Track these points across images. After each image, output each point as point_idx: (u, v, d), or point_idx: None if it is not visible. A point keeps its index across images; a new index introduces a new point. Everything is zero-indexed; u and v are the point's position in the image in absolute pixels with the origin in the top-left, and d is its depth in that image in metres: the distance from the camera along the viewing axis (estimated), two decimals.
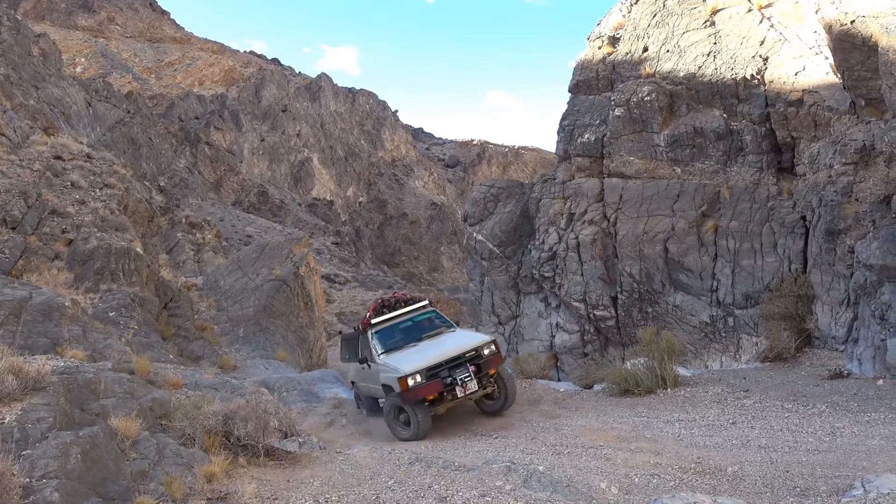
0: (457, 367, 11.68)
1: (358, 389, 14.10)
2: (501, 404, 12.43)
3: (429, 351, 12.30)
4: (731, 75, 15.94)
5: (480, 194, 20.27)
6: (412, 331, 13.27)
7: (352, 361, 14.22)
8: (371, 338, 12.92)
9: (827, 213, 13.31)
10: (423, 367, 11.52)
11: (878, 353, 11.52)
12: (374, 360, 12.57)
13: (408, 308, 13.58)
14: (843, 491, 6.66)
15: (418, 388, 11.35)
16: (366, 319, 13.24)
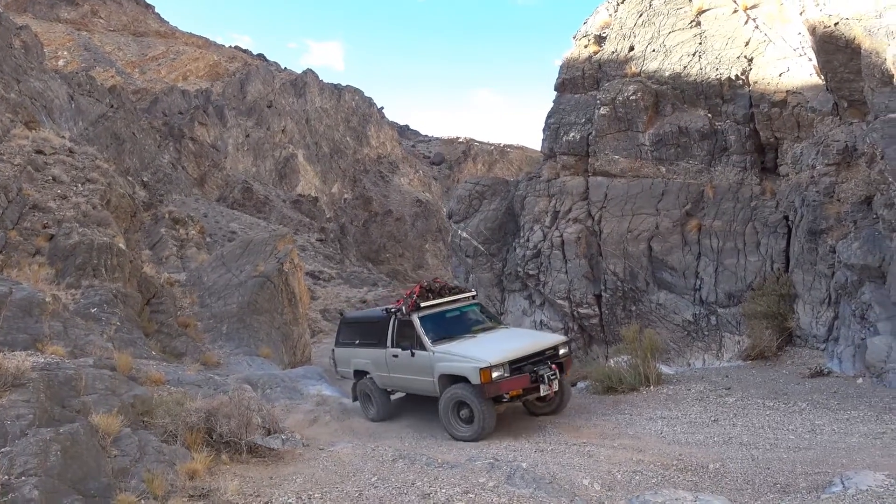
0: (538, 363, 10.87)
1: (369, 382, 12.84)
2: (556, 406, 11.68)
3: (502, 344, 11.35)
4: (716, 75, 16.03)
5: (465, 192, 20.27)
6: (460, 322, 12.33)
7: (367, 348, 12.94)
8: (418, 324, 11.73)
9: (809, 213, 13.42)
10: (507, 358, 10.58)
11: (858, 351, 11.64)
12: (421, 348, 11.43)
13: (454, 297, 12.64)
14: (823, 487, 6.73)
15: (503, 382, 10.40)
16: (411, 302, 12.06)
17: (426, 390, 11.63)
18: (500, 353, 10.69)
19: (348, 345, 13.70)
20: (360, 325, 13.85)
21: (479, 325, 12.41)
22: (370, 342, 12.87)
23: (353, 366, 13.39)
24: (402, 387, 12.39)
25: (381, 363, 12.47)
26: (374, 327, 12.93)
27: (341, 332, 14.27)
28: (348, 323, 14.34)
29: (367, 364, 12.90)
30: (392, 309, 12.51)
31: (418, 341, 11.52)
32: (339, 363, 14.06)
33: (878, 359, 10.94)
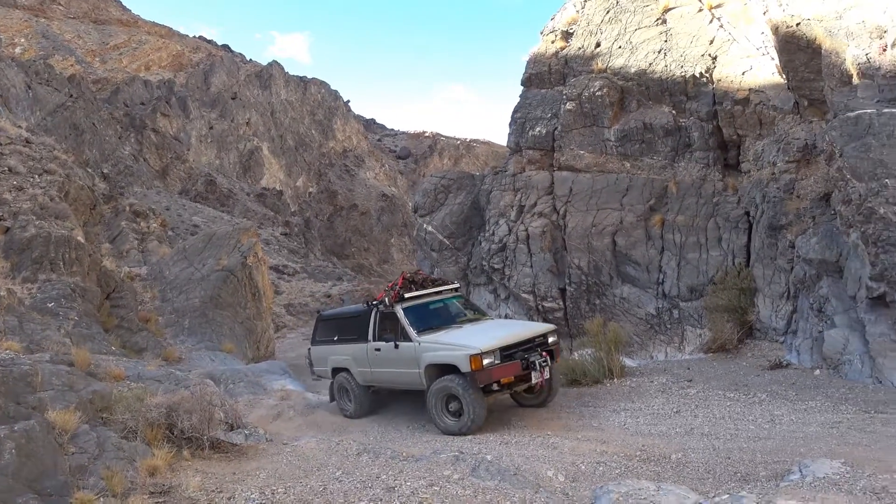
0: (528, 351, 10.62)
1: (349, 378, 12.48)
2: (545, 398, 11.45)
3: (491, 332, 11.06)
4: (681, 73, 16.23)
5: (431, 185, 20.27)
6: (445, 313, 12.03)
7: (346, 344, 12.56)
8: (402, 315, 11.40)
9: (770, 209, 13.66)
10: (497, 345, 10.30)
11: (816, 344, 11.89)
12: (405, 340, 11.10)
13: (438, 289, 12.38)
14: (782, 476, 6.84)
15: (494, 369, 10.10)
16: (394, 294, 11.71)
17: (411, 383, 11.33)
18: (490, 340, 10.46)
19: (326, 342, 13.30)
20: (338, 321, 13.46)
21: (463, 316, 12.18)
22: (350, 337, 12.52)
23: (331, 363, 12.98)
24: (385, 381, 12.05)
25: (362, 358, 12.16)
26: (354, 322, 12.59)
27: (318, 330, 13.85)
28: (326, 320, 13.90)
29: (346, 360, 12.54)
30: (374, 302, 12.19)
31: (402, 333, 11.22)
32: (317, 362, 13.62)
33: (835, 351, 11.19)
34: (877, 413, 9.01)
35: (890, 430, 8.24)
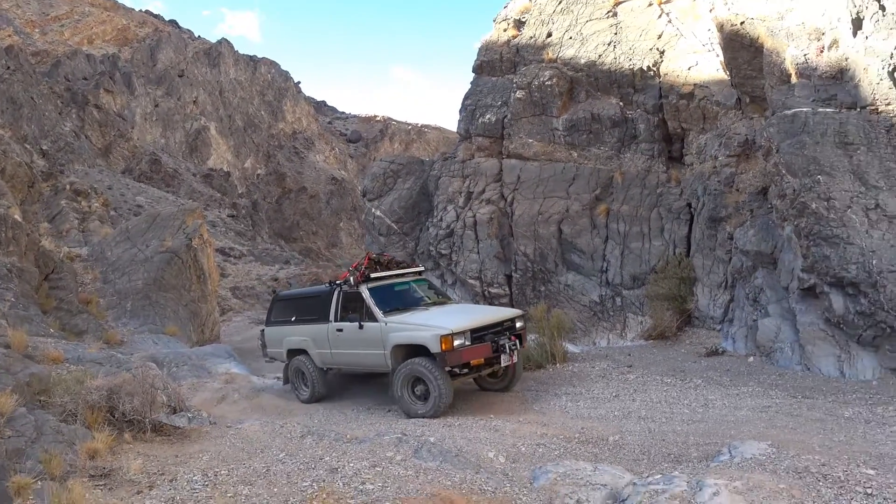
0: (497, 334, 10.56)
1: (306, 361, 12.21)
2: (508, 383, 11.44)
3: (460, 315, 11.00)
4: (629, 65, 16.53)
5: (380, 170, 20.24)
6: (410, 295, 11.88)
7: (305, 324, 12.27)
8: (367, 295, 11.16)
9: (710, 201, 14.06)
10: (468, 327, 10.19)
11: (750, 332, 12.33)
12: (371, 320, 10.88)
13: (404, 271, 12.29)
14: (713, 456, 7.11)
15: (464, 350, 9.96)
16: (360, 274, 11.46)
17: (375, 365, 11.18)
18: (461, 321, 10.36)
19: (281, 323, 12.96)
20: (297, 302, 13.15)
21: (428, 299, 12.03)
22: (309, 318, 12.25)
23: (286, 345, 12.67)
24: (347, 363, 11.84)
25: (322, 339, 11.91)
26: (314, 302, 12.32)
27: (274, 311, 13.48)
28: (283, 300, 13.57)
29: (304, 342, 12.26)
30: (337, 282, 11.93)
31: (368, 313, 10.98)
32: (270, 344, 13.30)
33: (768, 339, 11.64)
34: (804, 398, 9.41)
35: (815, 414, 8.63)
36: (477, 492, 6.39)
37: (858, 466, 6.38)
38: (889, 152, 10.06)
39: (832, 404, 9.01)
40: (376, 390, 12.41)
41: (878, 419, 8.19)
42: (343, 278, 11.78)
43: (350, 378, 12.78)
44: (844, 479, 6.04)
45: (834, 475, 6.14)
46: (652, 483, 6.18)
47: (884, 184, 9.98)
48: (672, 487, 5.96)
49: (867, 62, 10.45)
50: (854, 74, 10.67)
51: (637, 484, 6.27)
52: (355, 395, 12.45)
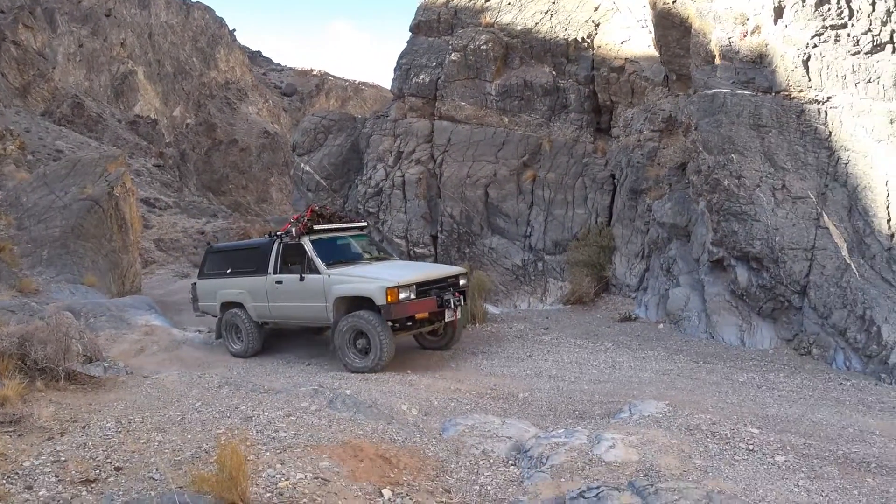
0: (442, 290, 10.58)
1: (241, 314, 11.98)
2: (448, 340, 11.53)
3: (404, 269, 11.02)
4: (564, 35, 16.73)
5: (311, 124, 19.99)
6: (352, 250, 11.84)
7: (241, 277, 12.04)
8: (310, 247, 11.03)
9: (633, 173, 14.49)
10: (414, 280, 10.21)
11: (662, 301, 12.89)
12: (313, 272, 10.78)
13: (346, 225, 12.18)
14: (614, 414, 7.50)
15: (409, 303, 9.97)
16: (302, 225, 11.26)
17: (316, 318, 11.09)
18: (406, 274, 10.37)
19: (215, 276, 12.67)
20: (233, 253, 12.90)
21: (371, 254, 12.02)
22: (246, 270, 12.03)
23: (220, 298, 12.44)
24: (286, 316, 11.66)
25: (259, 292, 11.70)
26: (252, 254, 12.13)
27: (207, 263, 13.14)
28: (218, 252, 13.28)
29: (240, 295, 12.04)
30: (277, 233, 11.72)
31: (309, 265, 10.87)
32: (203, 297, 13.01)
33: (677, 307, 12.19)
34: (704, 363, 9.95)
35: (713, 378, 9.16)
36: (387, 441, 6.58)
37: (745, 426, 6.85)
38: (798, 136, 10.58)
39: (730, 370, 9.56)
40: (299, 345, 12.48)
41: (768, 384, 8.75)
42: (284, 230, 11.55)
43: (275, 333, 12.78)
44: (730, 437, 6.49)
45: (721, 433, 6.59)
46: (554, 436, 6.49)
47: (791, 166, 10.52)
48: (572, 440, 6.29)
49: (785, 49, 10.89)
50: (772, 60, 11.11)
51: (540, 437, 6.57)
52: (277, 349, 12.49)
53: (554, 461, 5.93)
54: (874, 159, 9.97)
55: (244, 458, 5.03)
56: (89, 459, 5.70)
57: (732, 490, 5.20)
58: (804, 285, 10.02)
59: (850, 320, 9.35)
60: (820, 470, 5.74)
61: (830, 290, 9.67)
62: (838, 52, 10.51)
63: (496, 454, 6.40)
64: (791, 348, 10.24)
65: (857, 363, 9.18)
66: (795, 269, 10.05)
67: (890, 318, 8.92)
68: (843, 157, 10.21)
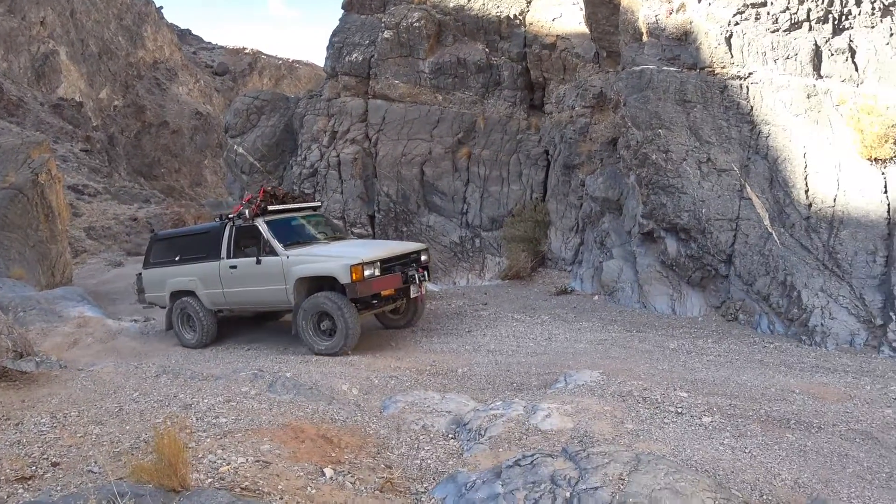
0: (405, 266, 10.43)
1: (194, 302, 11.57)
2: (410, 318, 11.47)
3: (365, 247, 10.80)
4: (497, 13, 16.81)
5: (243, 105, 19.66)
6: (308, 230, 11.46)
7: (191, 263, 11.59)
8: (265, 228, 10.68)
9: (566, 149, 14.74)
10: (378, 257, 9.99)
11: (597, 273, 13.21)
12: (271, 254, 10.47)
13: (301, 205, 11.85)
14: (550, 384, 7.73)
15: (375, 281, 9.73)
16: (255, 206, 10.90)
17: (276, 302, 10.79)
18: (369, 251, 10.17)
19: (163, 264, 12.17)
20: (181, 240, 12.39)
21: (326, 234, 11.69)
22: (197, 257, 11.57)
23: (169, 287, 11.95)
24: (243, 302, 11.27)
25: (212, 278, 11.28)
26: (202, 239, 11.69)
27: (153, 252, 12.58)
28: (163, 239, 12.74)
29: (191, 282, 11.60)
30: (229, 216, 11.31)
31: (266, 247, 10.54)
32: (149, 287, 12.50)
33: (611, 279, 12.53)
34: (637, 332, 10.29)
35: (645, 346, 9.48)
36: (328, 421, 6.64)
37: (675, 390, 7.15)
38: (721, 111, 10.93)
39: (661, 337, 9.91)
40: (239, 331, 12.37)
41: (697, 350, 9.12)
42: (236, 212, 11.19)
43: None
44: (661, 401, 6.78)
45: (652, 398, 6.87)
46: (493, 409, 6.67)
47: (715, 140, 10.88)
48: (510, 412, 6.47)
49: (708, 27, 11.20)
50: (696, 37, 11.40)
51: (479, 410, 6.74)
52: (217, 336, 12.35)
53: (492, 432, 6.09)
54: (793, 132, 10.39)
55: (183, 446, 5.03)
56: (24, 457, 5.60)
57: (661, 451, 5.45)
58: (730, 254, 10.42)
59: (772, 286, 9.78)
60: (744, 428, 6.05)
61: (754, 258, 10.09)
62: (758, 29, 10.87)
63: (436, 429, 6.53)
64: (719, 315, 10.67)
65: (780, 327, 9.63)
66: (721, 238, 10.44)
67: (809, 283, 9.37)
68: (764, 131, 10.61)
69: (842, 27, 10.64)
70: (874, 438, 5.85)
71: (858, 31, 10.56)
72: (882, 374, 7.74)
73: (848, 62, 10.43)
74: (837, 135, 10.10)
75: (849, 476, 5.16)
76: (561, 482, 4.58)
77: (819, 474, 5.15)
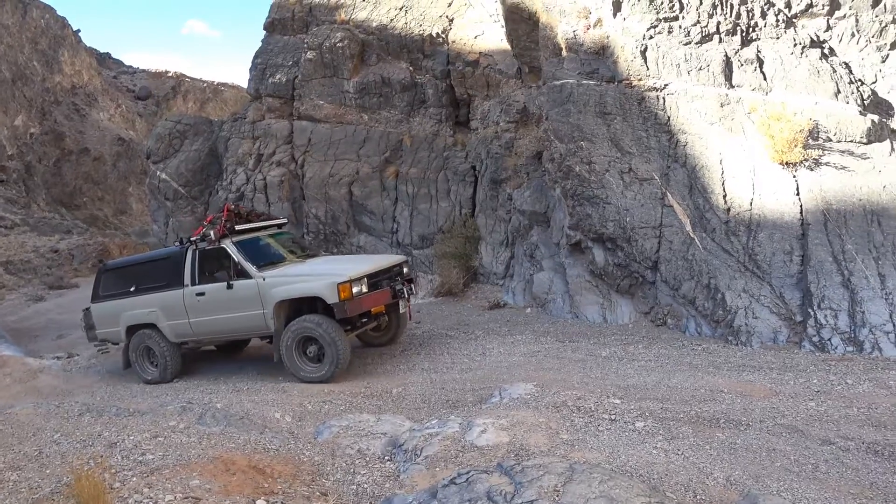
0: (391, 280, 9.90)
1: (155, 336, 10.72)
2: (392, 335, 11.01)
3: (345, 263, 10.30)
4: (420, 31, 16.94)
5: (165, 130, 19.21)
6: (275, 250, 10.69)
7: (149, 293, 10.71)
8: (235, 249, 9.92)
9: (492, 164, 14.88)
10: (364, 272, 9.39)
11: (528, 286, 13.32)
12: (243, 277, 9.72)
13: (267, 223, 11.11)
14: (485, 399, 7.73)
15: (364, 298, 9.19)
16: (220, 227, 10.14)
17: (251, 328, 10.07)
18: (354, 268, 9.55)
19: (115, 296, 11.21)
20: (134, 269, 11.41)
21: (297, 252, 11.03)
22: (155, 286, 10.69)
23: (125, 321, 11.00)
24: (212, 331, 10.45)
25: (176, 308, 10.43)
26: (159, 266, 10.84)
27: (102, 284, 11.58)
28: (114, 269, 11.78)
29: (151, 314, 10.70)
30: (190, 239, 10.52)
31: (237, 270, 9.75)
32: (100, 323, 11.45)
33: (542, 291, 12.65)
34: (570, 342, 10.38)
35: (577, 355, 9.58)
36: (261, 451, 6.49)
37: (608, 398, 7.26)
38: (640, 122, 11.23)
39: (593, 346, 10.03)
40: None
41: (629, 356, 9.27)
42: (198, 234, 10.43)
43: None
44: (594, 409, 6.87)
45: (586, 406, 6.95)
46: (428, 427, 6.62)
47: (635, 150, 11.16)
48: (446, 429, 6.44)
49: (624, 41, 11.54)
50: (613, 51, 11.73)
51: (415, 429, 6.69)
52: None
53: (428, 452, 6.06)
54: (709, 141, 10.77)
55: (106, 487, 4.83)
56: None
57: (596, 459, 5.50)
58: (655, 261, 10.67)
59: (697, 290, 10.05)
60: (675, 431, 6.18)
61: (678, 263, 10.36)
62: (672, 42, 11.27)
63: (372, 452, 6.45)
64: (648, 320, 10.88)
65: (707, 329, 9.89)
66: (646, 246, 10.68)
67: (732, 284, 9.67)
68: (682, 140, 10.95)
69: (750, 38, 11.13)
70: (800, 431, 6.05)
71: (765, 42, 11.05)
72: (804, 368, 8.03)
73: (757, 72, 10.89)
74: (750, 141, 10.51)
75: (778, 470, 5.30)
76: (497, 498, 4.57)
77: (749, 470, 5.28)
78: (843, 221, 9.53)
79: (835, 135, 10.33)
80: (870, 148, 10.23)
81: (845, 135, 10.31)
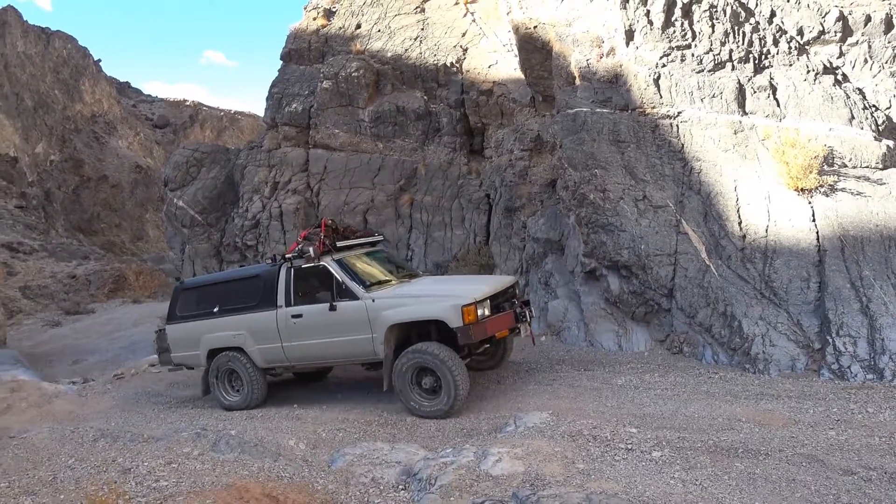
0: (509, 302, 9.24)
1: (243, 359, 10.07)
2: (499, 360, 10.41)
3: (460, 283, 9.76)
4: (434, 61, 17.16)
5: (183, 158, 19.44)
6: (377, 268, 10.12)
7: (236, 315, 10.07)
8: (337, 268, 9.28)
9: (506, 192, 14.93)
10: (487, 293, 8.67)
11: (543, 314, 13.27)
12: (348, 298, 9.02)
13: (366, 240, 10.51)
14: (501, 428, 7.68)
15: (489, 322, 8.48)
16: (320, 243, 9.48)
17: (357, 354, 9.31)
18: (473, 288, 8.86)
19: (195, 317, 10.54)
20: (219, 287, 10.70)
21: (399, 271, 10.31)
22: (242, 307, 10.04)
23: (206, 344, 10.37)
24: (311, 357, 9.73)
25: (267, 331, 9.73)
26: (248, 285, 10.15)
27: (180, 304, 10.89)
28: (193, 288, 11.06)
29: (237, 337, 10.03)
30: (284, 256, 9.86)
31: (340, 290, 9.06)
32: (177, 346, 10.79)
33: (557, 319, 12.60)
34: (585, 370, 10.31)
35: (593, 384, 9.50)
36: (274, 479, 6.49)
37: (624, 426, 7.19)
38: (654, 150, 11.26)
39: (609, 374, 9.94)
40: (178, 388, 12.03)
41: (645, 385, 9.18)
42: (292, 250, 9.82)
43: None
44: (611, 438, 6.80)
45: (602, 435, 6.88)
46: (443, 456, 6.59)
47: (649, 177, 11.17)
48: (460, 458, 6.41)
49: (637, 69, 11.62)
50: (627, 80, 11.80)
51: (429, 458, 6.66)
52: (154, 393, 11.99)
53: (443, 481, 6.01)
54: (723, 167, 10.76)
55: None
56: None
57: (613, 489, 5.44)
58: (671, 288, 10.61)
59: (713, 317, 9.97)
60: (693, 460, 6.11)
61: (694, 290, 10.29)
62: (685, 70, 11.33)
63: (386, 480, 6.43)
64: (664, 348, 10.79)
65: (723, 357, 9.79)
66: (661, 273, 10.63)
67: (748, 312, 9.59)
68: (696, 167, 10.95)
69: (762, 66, 11.16)
70: (820, 461, 5.96)
71: (778, 69, 11.08)
72: (823, 396, 7.92)
73: (770, 98, 10.90)
74: (765, 168, 10.49)
75: (798, 500, 5.22)
76: None
77: (769, 501, 5.21)
78: (859, 247, 9.45)
79: (850, 161, 10.31)
80: (885, 173, 10.19)
81: (860, 161, 10.29)
